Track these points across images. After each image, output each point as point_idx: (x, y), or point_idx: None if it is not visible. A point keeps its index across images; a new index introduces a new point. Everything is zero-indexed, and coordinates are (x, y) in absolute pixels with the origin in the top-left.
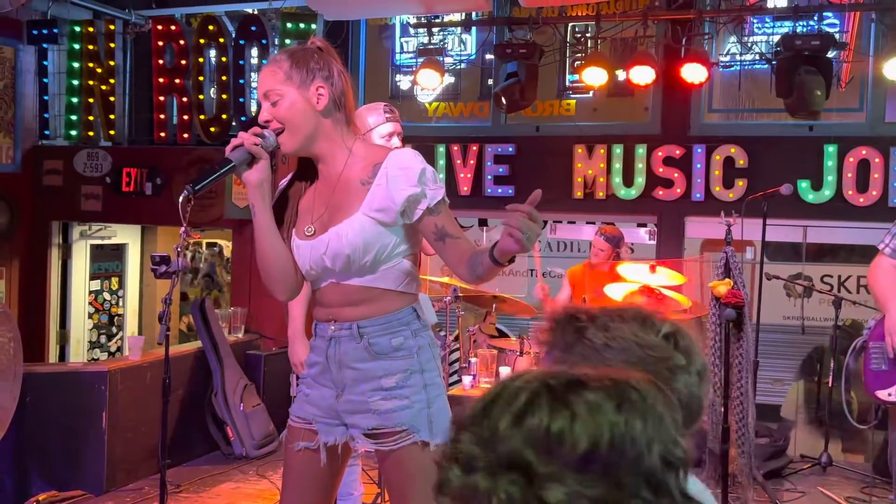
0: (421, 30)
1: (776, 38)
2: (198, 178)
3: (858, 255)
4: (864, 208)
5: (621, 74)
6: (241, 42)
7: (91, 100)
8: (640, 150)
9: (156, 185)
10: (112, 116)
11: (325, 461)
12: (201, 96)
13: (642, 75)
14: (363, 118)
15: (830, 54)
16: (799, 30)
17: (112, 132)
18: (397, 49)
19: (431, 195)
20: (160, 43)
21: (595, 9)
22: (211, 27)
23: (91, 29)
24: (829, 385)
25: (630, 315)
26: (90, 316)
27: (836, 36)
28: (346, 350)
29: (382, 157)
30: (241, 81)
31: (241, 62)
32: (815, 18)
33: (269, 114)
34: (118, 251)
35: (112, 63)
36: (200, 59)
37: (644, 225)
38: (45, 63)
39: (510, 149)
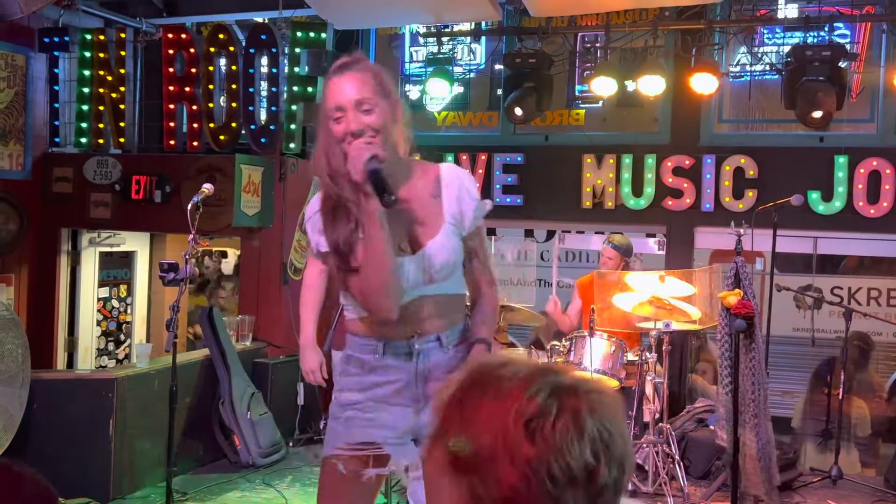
0: (430, 39)
1: (787, 49)
2: (382, 190)
3: (868, 266)
4: (875, 219)
5: (631, 85)
6: (252, 51)
7: (101, 107)
8: (650, 160)
9: (165, 192)
10: (122, 124)
11: (376, 481)
12: (211, 104)
13: (652, 85)
14: None
15: (842, 65)
16: (810, 40)
17: (122, 140)
18: (407, 58)
19: (470, 219)
20: (170, 51)
21: (605, 18)
22: (221, 36)
23: (102, 37)
24: (840, 397)
25: (511, 382)
26: (98, 323)
27: (848, 47)
28: (437, 362)
29: (437, 169)
30: (251, 90)
31: (251, 71)
32: (826, 29)
33: (362, 123)
34: (127, 258)
35: (122, 71)
36: (210, 68)
37: (653, 235)
38: (56, 71)
39: (519, 158)
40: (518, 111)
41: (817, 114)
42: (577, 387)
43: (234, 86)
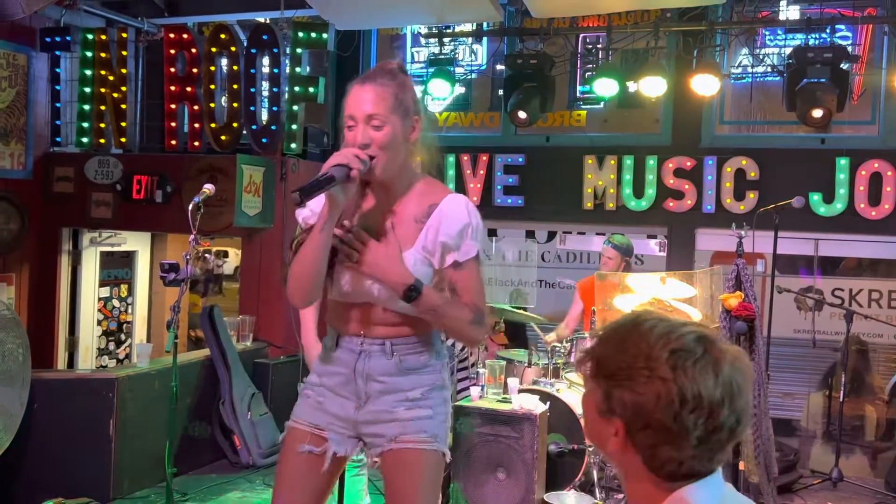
0: (432, 40)
1: (788, 51)
2: (306, 187)
3: (869, 269)
4: (877, 222)
5: (632, 86)
6: (253, 51)
7: (103, 107)
8: (651, 162)
9: (166, 192)
10: (123, 124)
11: (327, 468)
12: (212, 104)
13: (653, 86)
14: None
15: (843, 67)
16: (811, 42)
17: (123, 139)
18: (408, 59)
19: (464, 251)
20: (172, 51)
21: (606, 20)
22: (223, 36)
23: (104, 37)
24: (841, 400)
25: (666, 326)
26: (99, 323)
27: (849, 49)
28: (376, 364)
29: (439, 198)
30: (253, 90)
31: (252, 71)
32: (828, 31)
33: (369, 137)
34: (128, 258)
35: (124, 71)
36: (212, 68)
37: (654, 237)
38: (57, 70)
39: (520, 159)
40: (522, 114)
41: (817, 112)
42: (721, 343)
43: (235, 86)
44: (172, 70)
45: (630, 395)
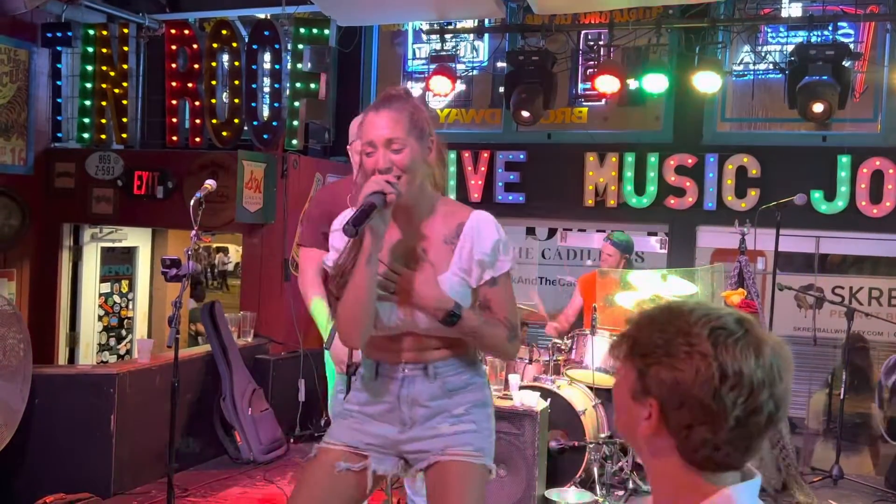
0: (433, 36)
1: (790, 48)
2: (352, 220)
3: (870, 266)
4: (878, 219)
5: (633, 84)
6: (254, 47)
7: (104, 103)
8: (652, 159)
9: (167, 188)
10: (124, 120)
11: (370, 488)
12: (213, 100)
13: (655, 83)
14: (353, 128)
15: (845, 64)
16: (813, 39)
17: (124, 135)
18: (409, 55)
19: (498, 267)
20: (173, 47)
21: (608, 16)
22: (224, 31)
23: (105, 32)
24: (841, 397)
25: (704, 307)
26: (100, 318)
27: (851, 46)
28: (420, 389)
29: (465, 216)
30: (254, 86)
31: (253, 67)
32: (830, 28)
33: (391, 161)
34: (129, 254)
35: (125, 66)
36: (213, 64)
37: (655, 234)
38: (58, 66)
39: (521, 156)
40: (525, 113)
41: (818, 107)
42: (762, 329)
43: (236, 82)
44: (173, 66)
45: (668, 371)
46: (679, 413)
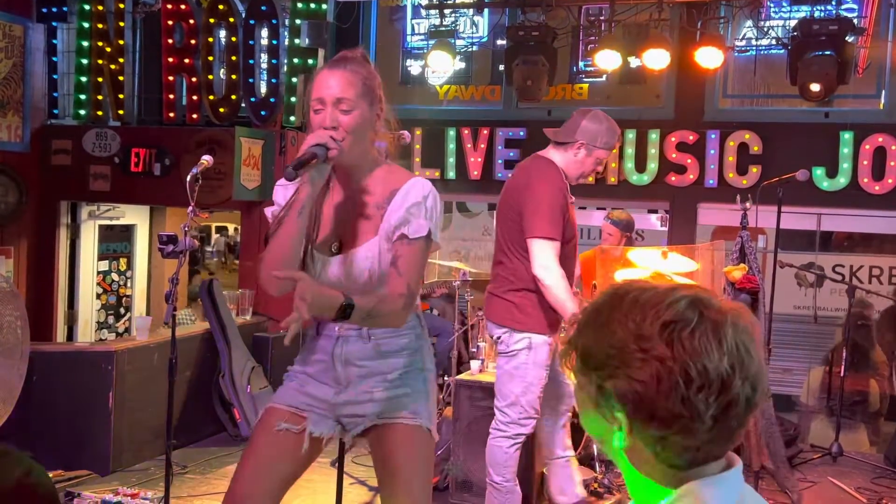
0: (432, 11)
1: (793, 23)
2: (296, 164)
3: (871, 244)
4: (880, 196)
5: (634, 62)
6: (252, 22)
7: (100, 79)
8: (654, 136)
9: (164, 165)
10: (121, 96)
11: (306, 448)
12: (210, 76)
13: (656, 59)
14: None
15: (849, 39)
16: (816, 14)
17: (121, 112)
18: (408, 31)
19: (414, 228)
20: (170, 22)
21: None
22: (221, 7)
23: (101, 8)
24: (842, 375)
25: (650, 297)
26: (98, 296)
27: (855, 21)
28: (354, 349)
29: (401, 183)
30: (251, 62)
31: (250, 42)
32: (833, 3)
33: (338, 121)
34: (127, 232)
35: (121, 42)
36: (210, 39)
37: (656, 211)
38: (54, 42)
39: (521, 133)
40: (529, 90)
41: (815, 86)
42: (717, 303)
43: (233, 57)
44: (170, 41)
45: (626, 384)
46: (650, 426)
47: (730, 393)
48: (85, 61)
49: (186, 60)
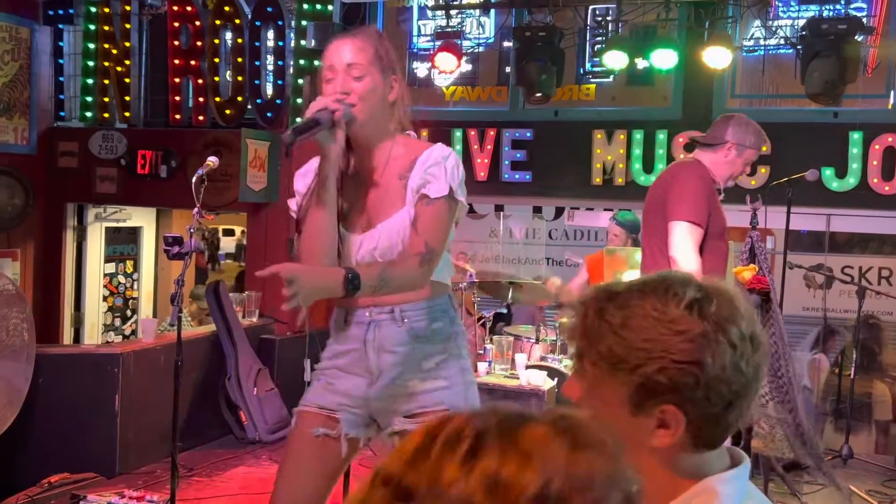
0: (439, 12)
1: (801, 23)
2: (295, 128)
3: (884, 245)
4: (890, 197)
5: (641, 63)
6: (258, 23)
7: (106, 81)
8: (661, 136)
9: (171, 167)
10: (127, 98)
11: (345, 452)
12: (217, 78)
13: (664, 59)
14: None
15: (858, 38)
16: (825, 14)
17: (127, 114)
18: (414, 32)
19: (435, 188)
20: (176, 24)
21: None
22: (227, 8)
23: (107, 10)
24: (852, 377)
25: (651, 286)
26: (105, 299)
27: (864, 20)
28: (387, 333)
29: (419, 151)
30: (257, 63)
31: (256, 44)
32: (842, 2)
33: (349, 87)
34: (133, 234)
35: (128, 44)
36: (216, 41)
37: None
38: (60, 44)
39: (528, 134)
40: (538, 94)
41: (816, 88)
42: (717, 286)
43: (239, 59)
44: (176, 43)
45: (677, 370)
46: (707, 405)
47: (760, 350)
48: (91, 63)
49: (192, 62)
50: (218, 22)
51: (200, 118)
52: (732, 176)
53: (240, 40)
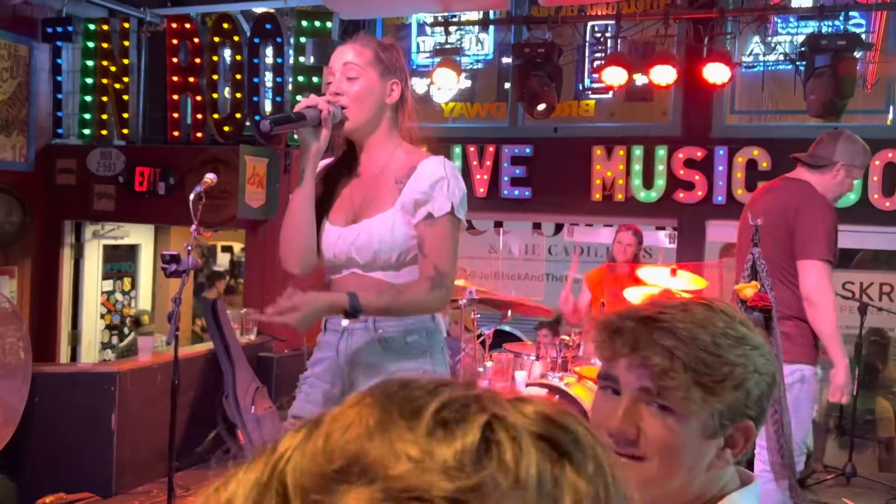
0: (438, 29)
1: (800, 38)
2: (277, 118)
3: (885, 261)
4: (891, 213)
5: (641, 79)
6: (256, 41)
7: (105, 98)
8: (661, 152)
9: (169, 184)
10: (126, 115)
11: None
12: (215, 95)
13: (663, 75)
14: None
15: (857, 55)
16: (824, 30)
17: (125, 131)
18: (413, 49)
19: (438, 206)
20: (174, 41)
21: (615, 8)
22: (226, 25)
23: (106, 27)
24: (854, 394)
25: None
26: (102, 316)
27: (863, 36)
28: (359, 343)
29: (418, 160)
30: (256, 80)
31: (255, 61)
32: (841, 18)
33: (343, 88)
34: (131, 251)
35: (126, 61)
36: (215, 58)
37: (664, 228)
38: (59, 61)
39: (527, 150)
40: (540, 107)
41: (813, 98)
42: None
43: (238, 76)
44: (175, 60)
45: (757, 387)
46: (760, 421)
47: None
48: (89, 81)
49: (191, 79)
50: (217, 39)
51: (199, 135)
52: (838, 197)
53: (238, 57)
